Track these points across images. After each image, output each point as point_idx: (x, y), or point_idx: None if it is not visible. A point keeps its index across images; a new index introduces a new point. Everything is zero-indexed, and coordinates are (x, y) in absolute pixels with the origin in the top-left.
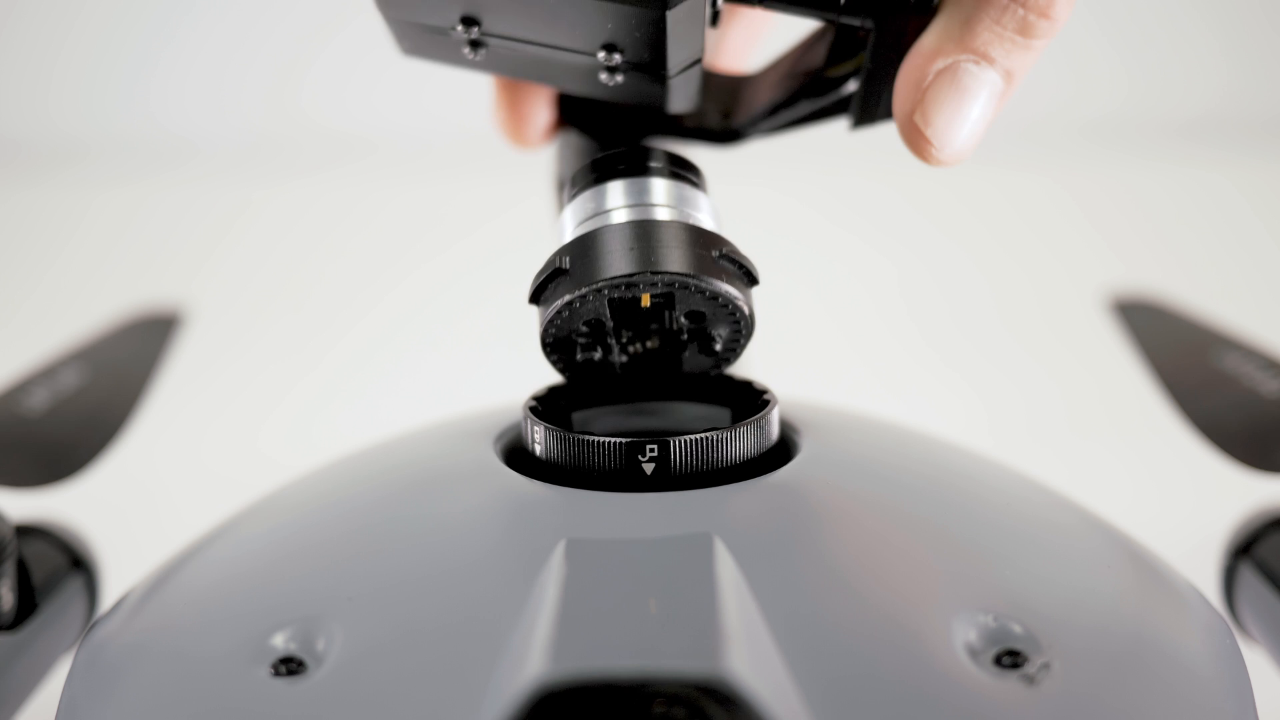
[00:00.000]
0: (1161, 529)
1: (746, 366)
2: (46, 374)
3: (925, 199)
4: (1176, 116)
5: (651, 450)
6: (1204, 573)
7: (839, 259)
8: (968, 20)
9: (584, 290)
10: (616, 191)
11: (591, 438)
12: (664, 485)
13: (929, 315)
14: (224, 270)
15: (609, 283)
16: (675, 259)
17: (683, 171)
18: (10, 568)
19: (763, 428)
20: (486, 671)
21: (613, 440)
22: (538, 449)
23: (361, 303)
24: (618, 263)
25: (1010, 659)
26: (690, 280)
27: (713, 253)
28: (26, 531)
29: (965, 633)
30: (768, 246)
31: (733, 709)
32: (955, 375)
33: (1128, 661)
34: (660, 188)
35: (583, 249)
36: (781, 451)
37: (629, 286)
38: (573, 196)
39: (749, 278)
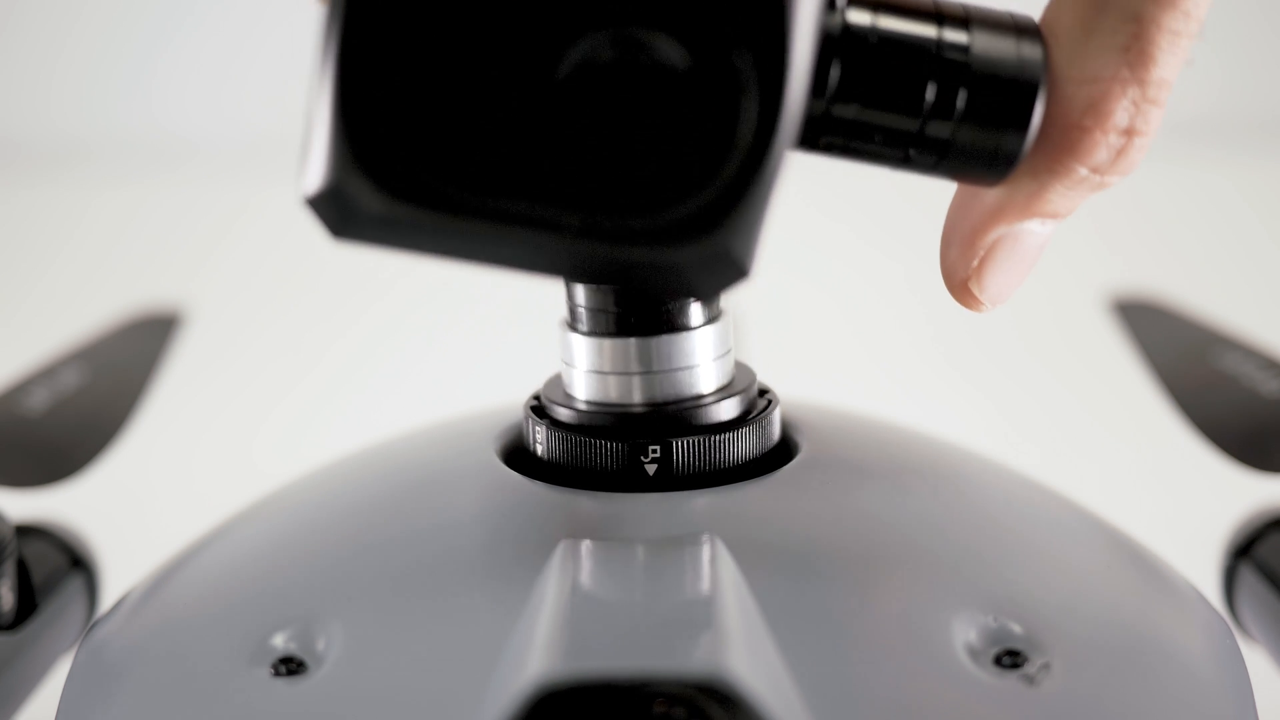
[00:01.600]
0: (1161, 529)
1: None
2: (46, 374)
3: (926, 198)
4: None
5: (654, 451)
6: (1204, 573)
7: (839, 258)
8: (1041, 188)
9: None
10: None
11: (593, 439)
12: (665, 485)
13: (928, 314)
14: (224, 270)
15: None
16: None
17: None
18: (10, 568)
19: (764, 428)
20: (486, 671)
21: (614, 441)
22: (538, 449)
23: (362, 301)
24: None
25: (1010, 659)
26: None
27: None
28: (26, 531)
29: (965, 633)
30: (769, 245)
31: (733, 709)
32: (955, 375)
33: (1128, 662)
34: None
35: None
36: (783, 451)
37: None
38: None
39: None
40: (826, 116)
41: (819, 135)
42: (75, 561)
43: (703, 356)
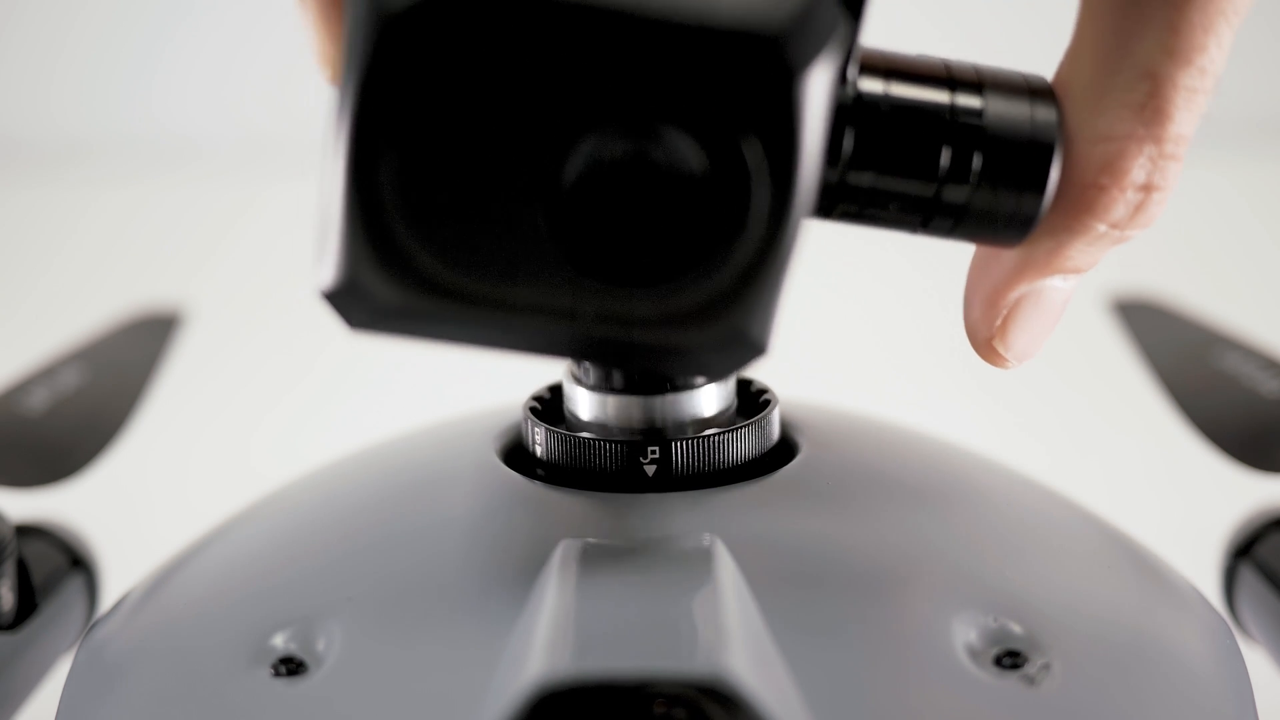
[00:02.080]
0: (1161, 529)
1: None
2: (46, 374)
3: None
4: None
5: (653, 451)
6: (1204, 573)
7: (838, 257)
8: (1060, 245)
9: None
10: None
11: (593, 439)
12: (665, 486)
13: (928, 313)
14: (224, 270)
15: None
16: None
17: None
18: (10, 568)
19: (763, 429)
20: (486, 672)
21: (614, 442)
22: (538, 450)
23: None
24: None
25: (1010, 659)
26: None
27: None
28: (26, 531)
29: (965, 633)
30: None
31: (733, 709)
32: (955, 375)
33: (1128, 662)
34: None
35: None
36: (783, 451)
37: None
38: None
39: None
40: (841, 185)
41: (834, 204)
42: (75, 561)
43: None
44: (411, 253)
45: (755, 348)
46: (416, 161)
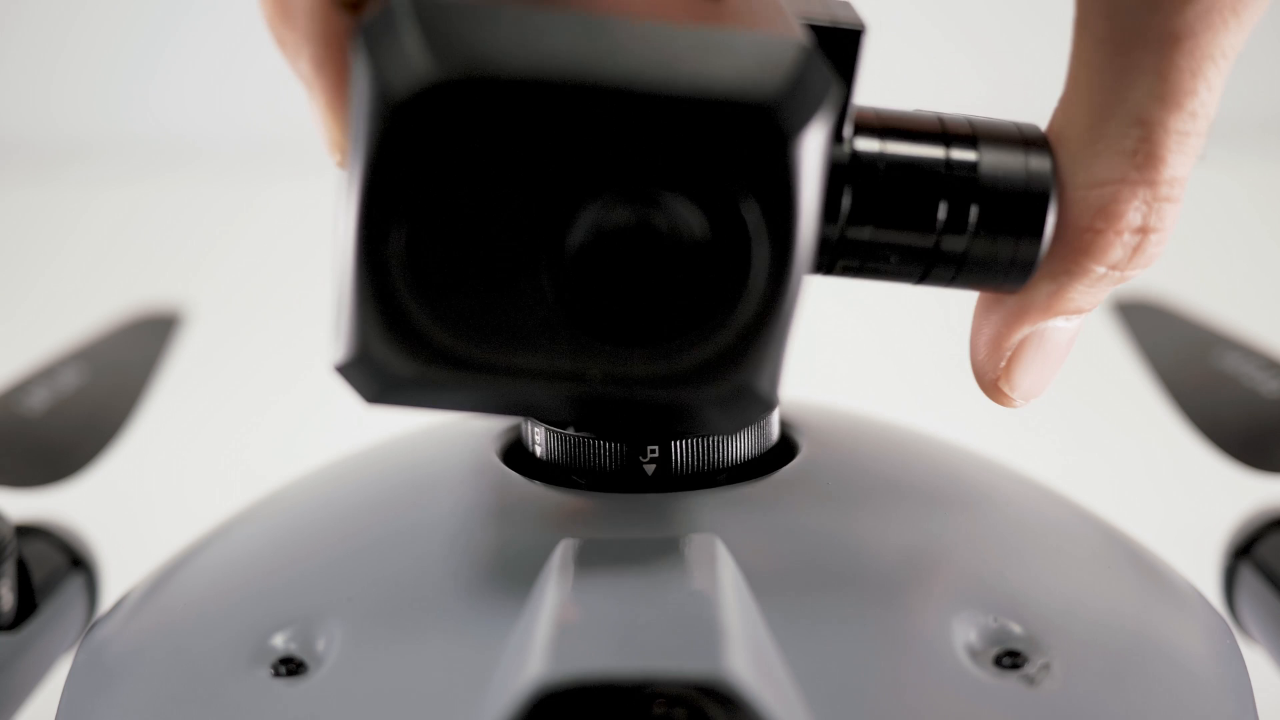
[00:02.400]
0: (1161, 529)
1: None
2: (46, 374)
3: None
4: None
5: (652, 450)
6: (1204, 573)
7: None
8: (1060, 289)
9: None
10: None
11: (592, 438)
12: (665, 485)
13: (928, 313)
14: (224, 270)
15: None
16: None
17: None
18: (10, 568)
19: (763, 428)
20: (486, 672)
21: (613, 442)
22: (537, 450)
23: None
24: None
25: (1010, 659)
26: None
27: None
28: (26, 531)
29: (965, 633)
30: None
31: (733, 710)
32: (954, 375)
33: (1128, 662)
34: None
35: None
36: (783, 451)
37: None
38: None
39: None
40: (841, 241)
41: (835, 260)
42: (75, 561)
43: None
44: (422, 326)
45: (764, 403)
46: (425, 238)
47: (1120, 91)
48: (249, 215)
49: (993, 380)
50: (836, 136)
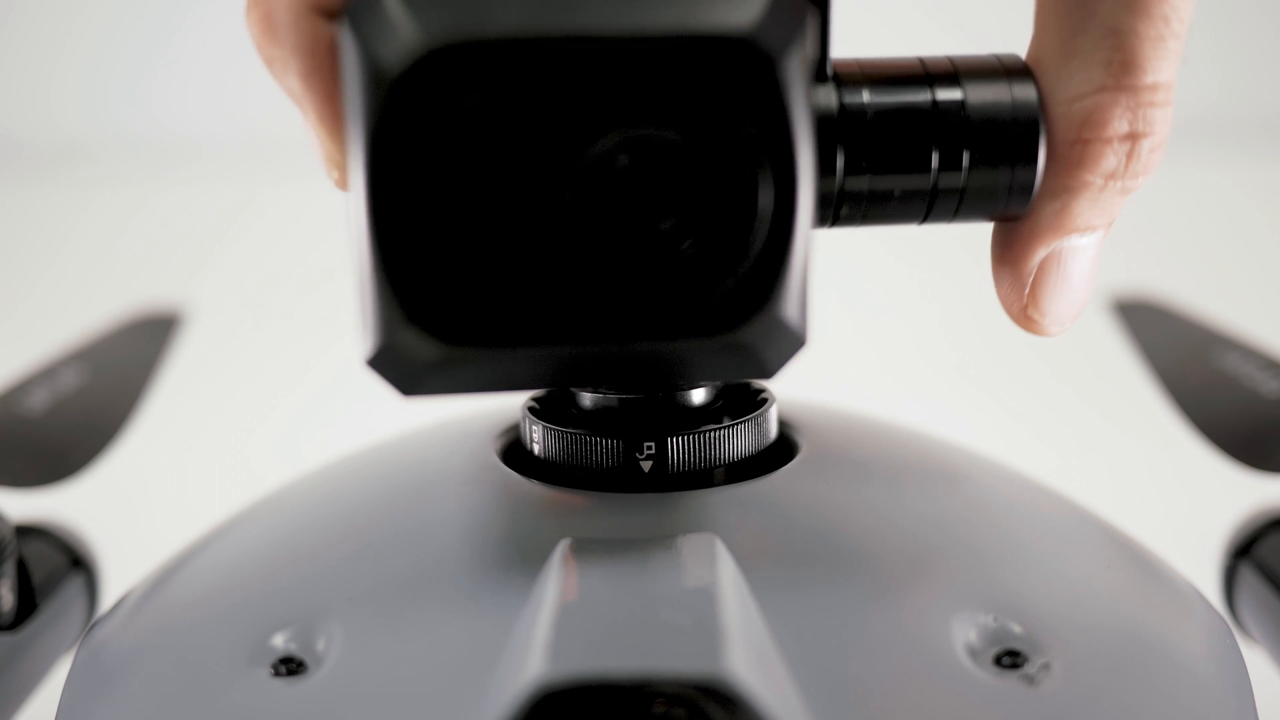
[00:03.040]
0: (1161, 529)
1: None
2: (46, 374)
3: None
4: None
5: (649, 447)
6: (1204, 573)
7: (839, 258)
8: (1065, 206)
9: None
10: None
11: (589, 435)
12: (662, 483)
13: (928, 313)
14: (224, 270)
15: None
16: None
17: None
18: (10, 568)
19: (760, 425)
20: (486, 671)
21: (610, 439)
22: (536, 447)
23: None
24: None
25: (1010, 659)
26: None
27: None
28: (26, 531)
29: (965, 633)
30: None
31: (733, 709)
32: (955, 375)
33: (1128, 662)
34: None
35: None
36: (782, 450)
37: None
38: None
39: None
40: (841, 193)
41: (837, 211)
42: (75, 561)
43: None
44: (446, 304)
45: (794, 335)
46: (436, 210)
47: (1089, 6)
48: (249, 215)
49: (1020, 309)
50: (820, 72)
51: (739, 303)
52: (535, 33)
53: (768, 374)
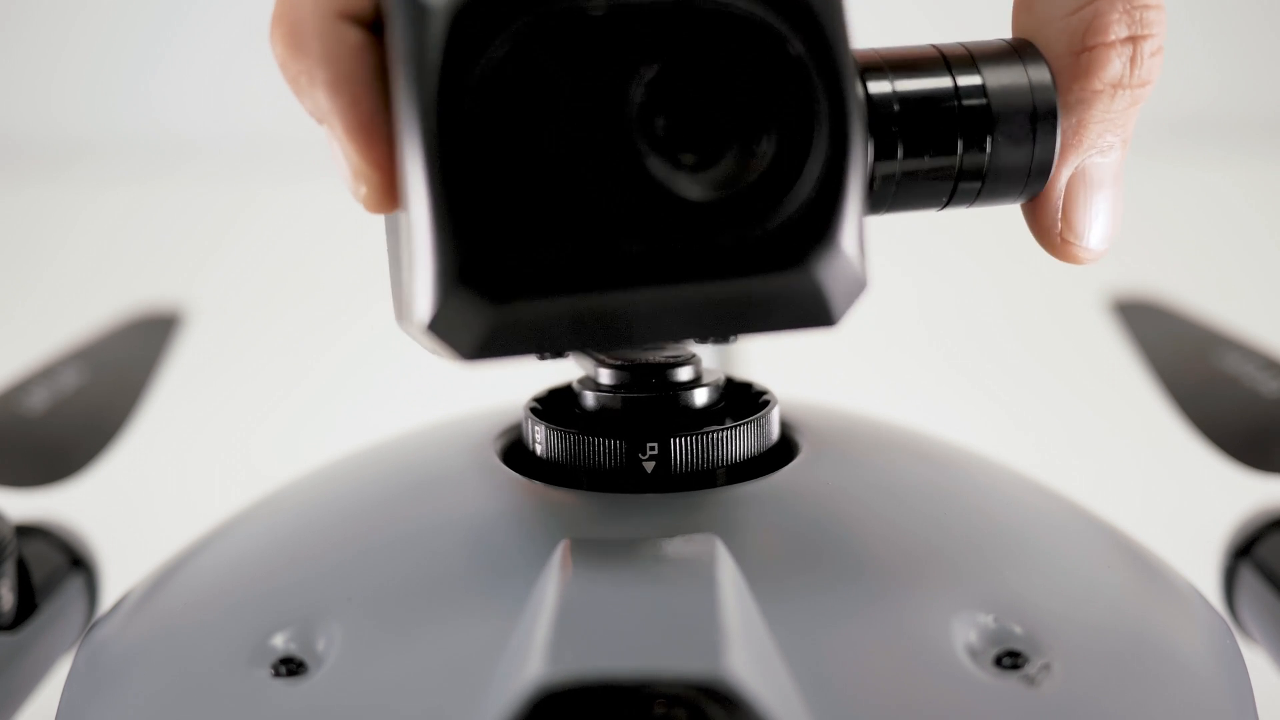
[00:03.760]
0: (1161, 529)
1: (749, 367)
2: (46, 374)
3: None
4: (1175, 116)
5: (652, 448)
6: (1204, 573)
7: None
8: (1080, 120)
9: None
10: None
11: (592, 435)
12: (665, 485)
13: (929, 313)
14: (224, 270)
15: None
16: None
17: None
18: (10, 568)
19: (762, 426)
20: (486, 672)
21: (613, 439)
22: (538, 448)
23: (362, 301)
24: None
25: (1010, 660)
26: None
27: None
28: (26, 531)
29: (965, 633)
30: None
31: (733, 710)
32: (956, 376)
33: (1128, 662)
34: None
35: None
36: (783, 451)
37: None
38: None
39: None
40: (871, 179)
41: (869, 196)
42: (75, 561)
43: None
44: (509, 252)
45: (857, 276)
46: (497, 155)
47: None
48: (249, 215)
49: (1055, 236)
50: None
51: (802, 235)
52: None
53: (832, 318)
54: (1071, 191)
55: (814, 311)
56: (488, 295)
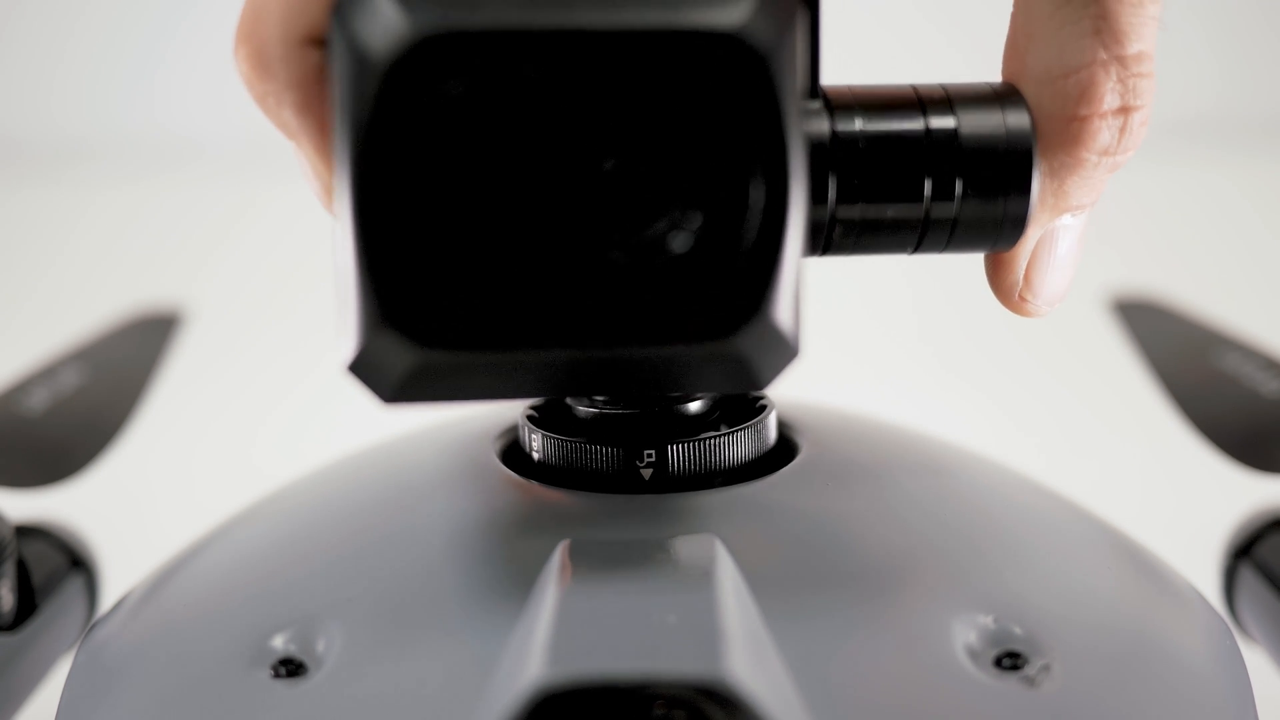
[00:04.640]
0: (1161, 529)
1: None
2: (46, 374)
3: None
4: (1176, 116)
5: (649, 455)
6: (1204, 573)
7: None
8: (1061, 185)
9: None
10: None
11: (589, 443)
12: (664, 487)
13: (929, 314)
14: (224, 270)
15: None
16: None
17: None
18: (10, 568)
19: (759, 432)
20: (486, 673)
21: (610, 446)
22: (535, 455)
23: None
24: None
25: (1010, 661)
26: None
27: None
28: (26, 531)
29: (965, 634)
30: None
31: (733, 711)
32: (955, 376)
33: (1128, 662)
34: None
35: None
36: (782, 452)
37: None
38: None
39: None
40: (832, 221)
41: (829, 240)
42: (75, 561)
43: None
44: (433, 305)
45: (788, 347)
46: (420, 206)
47: None
48: (249, 215)
49: (1011, 289)
50: (812, 87)
51: (730, 307)
52: (524, 26)
53: (760, 385)
54: (1037, 255)
55: (740, 379)
56: (412, 339)
